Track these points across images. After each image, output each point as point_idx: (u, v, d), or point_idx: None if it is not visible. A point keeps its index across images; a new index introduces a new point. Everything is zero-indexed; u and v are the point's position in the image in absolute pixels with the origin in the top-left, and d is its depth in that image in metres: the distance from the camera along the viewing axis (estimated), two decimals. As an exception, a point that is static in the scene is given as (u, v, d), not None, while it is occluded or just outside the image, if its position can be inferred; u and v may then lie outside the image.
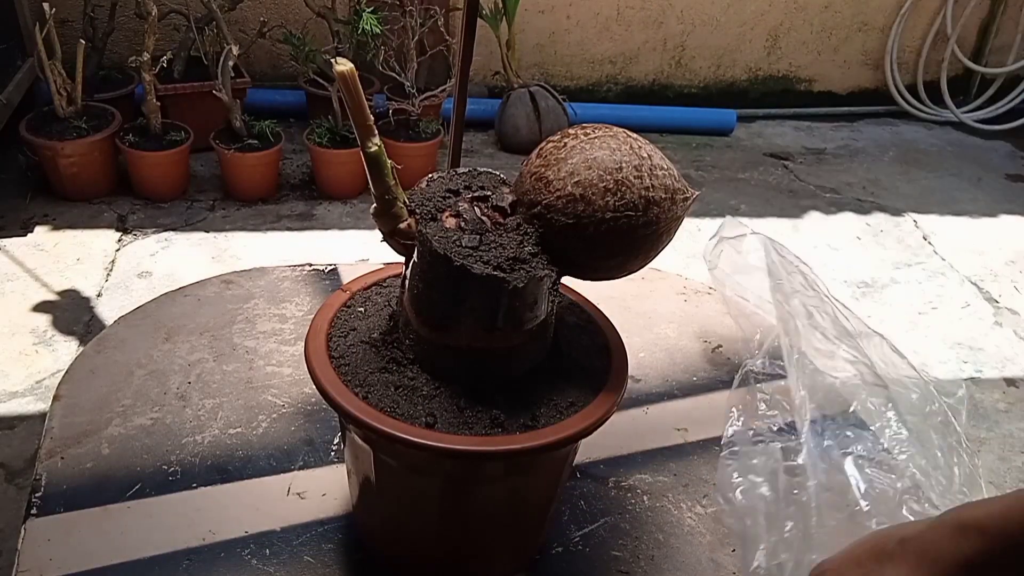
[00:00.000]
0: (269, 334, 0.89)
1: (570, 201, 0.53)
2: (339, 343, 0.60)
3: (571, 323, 0.65)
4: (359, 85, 0.51)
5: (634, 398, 0.87)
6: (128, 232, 2.23)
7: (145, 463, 0.73)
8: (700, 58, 3.20)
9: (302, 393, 0.82)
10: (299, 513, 0.70)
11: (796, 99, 3.36)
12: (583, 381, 0.59)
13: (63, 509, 0.68)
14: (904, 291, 2.32)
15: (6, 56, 2.34)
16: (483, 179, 0.59)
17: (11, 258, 2.08)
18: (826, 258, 2.44)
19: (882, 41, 3.31)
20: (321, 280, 0.98)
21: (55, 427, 0.76)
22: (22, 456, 1.57)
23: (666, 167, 0.56)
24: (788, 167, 2.96)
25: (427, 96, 2.42)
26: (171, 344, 0.86)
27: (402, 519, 0.63)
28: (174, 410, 0.79)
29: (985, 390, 1.97)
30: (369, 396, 0.56)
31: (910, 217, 2.70)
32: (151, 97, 2.27)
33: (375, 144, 0.53)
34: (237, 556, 0.66)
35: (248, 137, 2.34)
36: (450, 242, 0.54)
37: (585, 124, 0.56)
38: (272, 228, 2.31)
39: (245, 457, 0.74)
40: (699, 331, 0.98)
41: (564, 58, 3.07)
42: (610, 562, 0.69)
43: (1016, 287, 2.38)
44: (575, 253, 0.55)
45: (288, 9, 2.78)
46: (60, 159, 2.23)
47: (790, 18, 3.19)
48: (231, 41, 2.28)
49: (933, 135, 3.31)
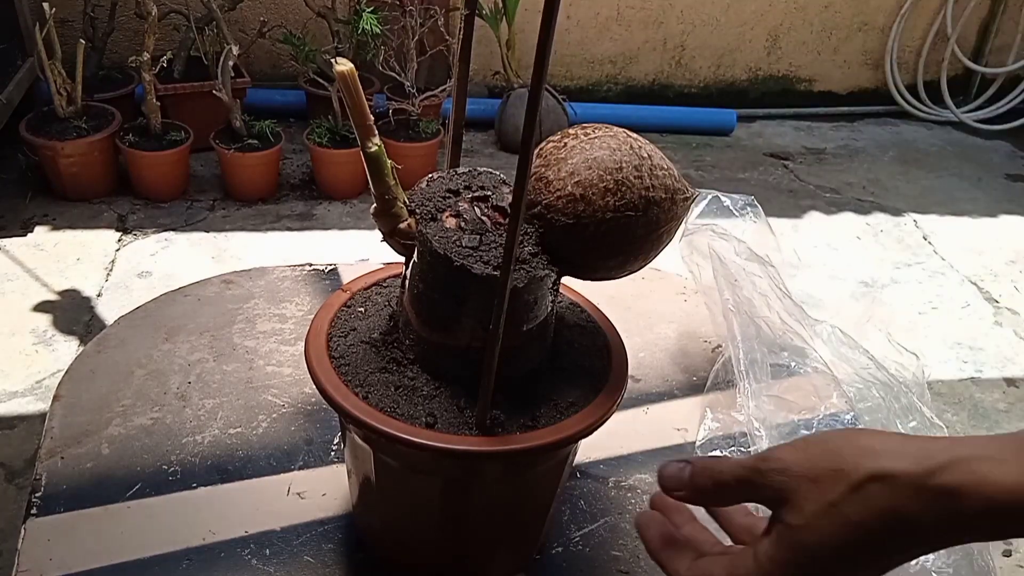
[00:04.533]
0: (269, 334, 0.89)
1: (570, 201, 0.53)
2: (339, 343, 0.60)
3: (571, 323, 0.65)
4: (359, 85, 0.51)
5: (634, 398, 0.87)
6: (128, 232, 2.23)
7: (145, 463, 0.73)
8: (700, 58, 3.20)
9: (302, 393, 0.82)
10: (299, 513, 0.70)
11: (796, 99, 3.36)
12: (583, 381, 0.59)
13: (63, 509, 0.68)
14: (904, 291, 2.32)
15: (6, 56, 2.34)
16: (483, 179, 0.59)
17: (11, 258, 2.08)
18: (826, 258, 2.44)
19: (882, 41, 3.30)
20: (321, 280, 0.98)
21: (55, 427, 0.76)
22: (22, 456, 1.57)
23: (666, 167, 0.56)
24: (788, 167, 2.96)
25: (427, 96, 2.42)
26: (171, 344, 0.86)
27: (402, 519, 0.63)
28: (174, 410, 0.79)
29: (985, 390, 1.97)
30: (369, 396, 0.56)
31: (910, 217, 2.70)
32: (151, 97, 2.27)
33: (375, 144, 0.53)
34: (237, 556, 0.66)
35: (248, 137, 2.34)
36: (450, 242, 0.54)
37: (585, 124, 0.56)
38: (272, 228, 2.31)
39: (245, 457, 0.74)
40: (699, 331, 0.98)
41: (564, 58, 3.07)
42: (610, 562, 0.69)
43: (1016, 287, 2.38)
44: (575, 253, 0.55)
45: (288, 9, 2.78)
46: (60, 159, 2.23)
47: (790, 18, 3.19)
48: (231, 41, 2.28)
49: (933, 135, 3.31)
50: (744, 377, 0.80)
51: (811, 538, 0.41)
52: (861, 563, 0.41)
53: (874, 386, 0.82)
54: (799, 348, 0.85)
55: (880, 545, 0.40)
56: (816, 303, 2.16)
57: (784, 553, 0.42)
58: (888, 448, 0.41)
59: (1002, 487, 0.37)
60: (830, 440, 0.43)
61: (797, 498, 0.42)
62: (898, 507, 0.39)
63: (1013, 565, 1.56)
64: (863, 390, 0.82)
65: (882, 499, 0.39)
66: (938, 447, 0.40)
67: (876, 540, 0.40)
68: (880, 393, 0.82)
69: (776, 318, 0.85)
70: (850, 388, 0.83)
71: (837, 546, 0.40)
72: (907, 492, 0.39)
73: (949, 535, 0.39)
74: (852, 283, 2.33)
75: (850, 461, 0.41)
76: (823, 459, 0.42)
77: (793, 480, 0.42)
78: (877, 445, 0.41)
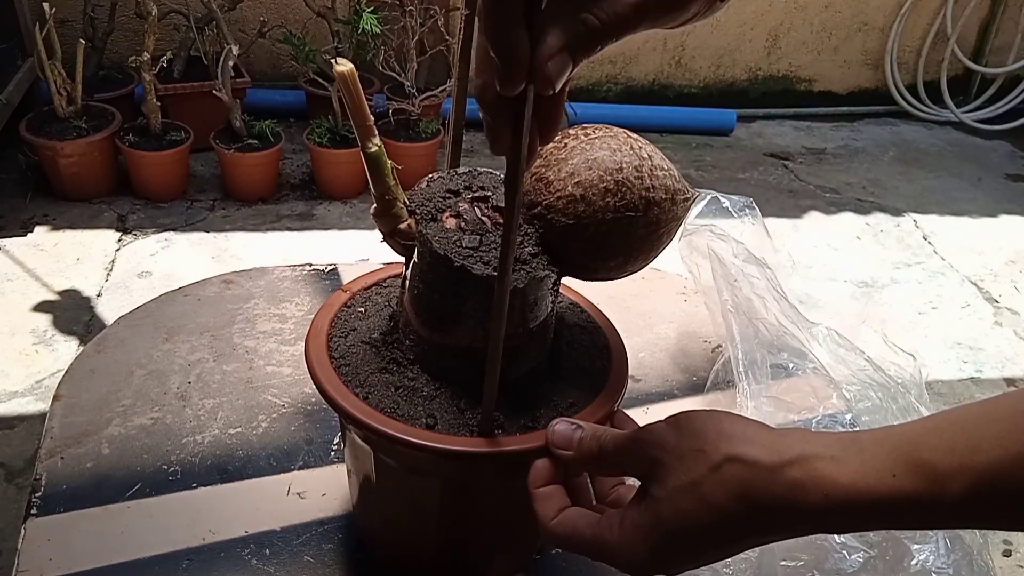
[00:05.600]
0: (269, 334, 0.89)
1: (570, 202, 0.53)
2: (339, 343, 0.60)
3: (571, 323, 0.65)
4: (359, 85, 0.51)
5: (634, 398, 0.87)
6: (128, 232, 2.23)
7: (145, 463, 0.73)
8: (700, 58, 3.20)
9: (302, 393, 0.82)
10: (299, 513, 0.70)
11: (796, 99, 3.36)
12: (583, 382, 0.59)
13: (63, 509, 0.68)
14: (904, 291, 2.32)
15: (6, 56, 2.34)
16: (483, 179, 0.59)
17: (11, 258, 2.08)
18: (826, 258, 2.44)
19: (882, 41, 3.31)
20: (321, 280, 0.98)
21: (55, 427, 0.76)
22: (22, 456, 1.57)
23: (666, 167, 0.56)
24: (788, 167, 2.96)
25: (427, 96, 2.42)
26: (171, 344, 0.86)
27: (402, 519, 0.63)
28: (174, 410, 0.79)
29: (985, 390, 1.97)
30: (369, 397, 0.56)
31: (910, 217, 2.70)
32: (151, 97, 2.27)
33: (375, 144, 0.53)
34: (237, 556, 0.66)
35: (248, 137, 2.34)
36: (450, 243, 0.54)
37: (585, 124, 0.56)
38: (272, 228, 2.31)
39: (245, 457, 0.74)
40: (699, 331, 0.98)
41: (564, 58, 3.07)
42: (610, 562, 0.69)
43: (1016, 287, 2.38)
44: (575, 254, 0.55)
45: (288, 9, 2.78)
46: (60, 159, 2.23)
47: (790, 18, 3.19)
48: (231, 41, 2.28)
49: (933, 135, 3.31)
50: (744, 378, 0.80)
51: (671, 513, 0.43)
52: (714, 543, 0.43)
53: (872, 387, 0.82)
54: (797, 349, 0.85)
55: (733, 528, 0.42)
56: (816, 303, 2.16)
57: (646, 522, 0.44)
58: (747, 435, 0.43)
59: (838, 485, 0.40)
60: (697, 421, 0.45)
61: (664, 472, 0.44)
62: (751, 493, 0.41)
63: (1013, 565, 1.56)
64: (861, 391, 0.82)
65: (737, 484, 0.42)
66: (790, 441, 0.42)
67: (730, 523, 0.42)
68: (878, 394, 0.82)
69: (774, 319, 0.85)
70: (848, 390, 0.83)
71: (694, 524, 0.43)
72: (760, 479, 0.41)
73: (797, 525, 0.41)
74: (852, 283, 2.33)
75: (712, 443, 0.43)
76: (690, 439, 0.44)
77: (663, 455, 0.44)
78: (737, 431, 0.44)
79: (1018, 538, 1.59)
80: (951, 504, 0.38)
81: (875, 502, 0.39)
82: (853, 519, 0.40)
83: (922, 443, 0.39)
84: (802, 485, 0.40)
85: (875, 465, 0.40)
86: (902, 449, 0.40)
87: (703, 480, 0.43)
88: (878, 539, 0.68)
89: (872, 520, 0.40)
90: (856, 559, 0.66)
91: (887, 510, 0.39)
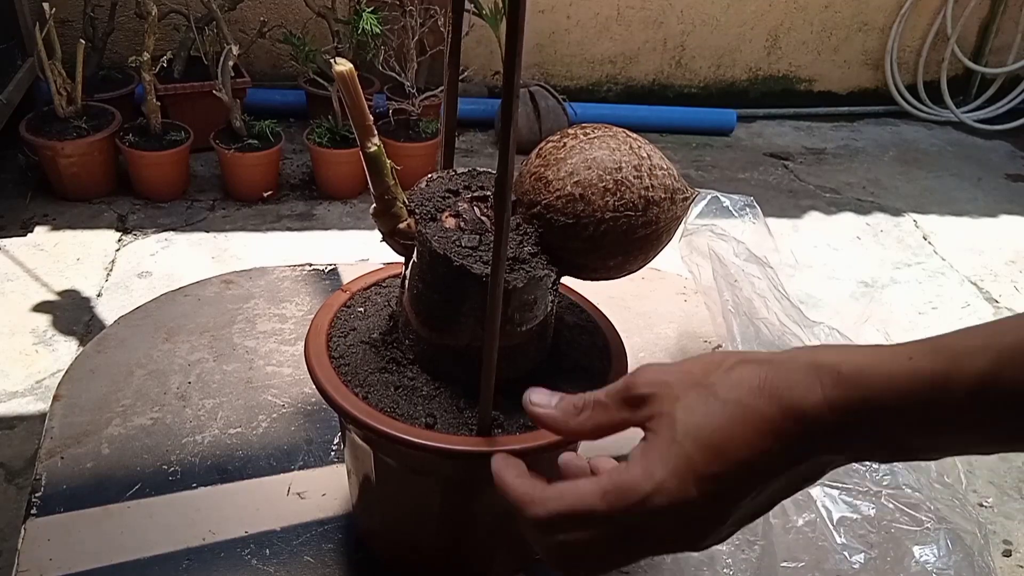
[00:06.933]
0: (269, 334, 0.89)
1: (570, 201, 0.53)
2: (339, 343, 0.60)
3: (571, 323, 0.65)
4: (359, 85, 0.51)
5: (634, 398, 0.87)
6: (128, 232, 2.23)
7: (145, 463, 0.73)
8: (700, 58, 3.20)
9: (302, 393, 0.82)
10: (299, 513, 0.70)
11: (796, 99, 3.36)
12: (583, 381, 0.59)
13: (63, 509, 0.68)
14: (904, 291, 2.32)
15: (6, 56, 2.34)
16: (483, 179, 0.59)
17: (11, 258, 2.08)
18: (826, 258, 2.44)
19: (882, 41, 3.31)
20: (321, 280, 0.98)
21: (55, 427, 0.76)
22: (22, 456, 1.57)
23: (666, 167, 0.56)
24: (788, 167, 2.96)
25: (427, 96, 2.42)
26: (171, 344, 0.86)
27: (402, 519, 0.63)
28: (174, 410, 0.79)
29: (985, 390, 1.97)
30: (369, 396, 0.56)
31: (910, 217, 2.70)
32: (151, 97, 2.27)
33: (375, 144, 0.53)
34: (237, 556, 0.66)
35: (248, 137, 2.34)
36: (450, 242, 0.54)
37: (585, 124, 0.56)
38: (272, 228, 2.31)
39: (245, 457, 0.74)
40: (699, 331, 0.98)
41: (564, 58, 3.07)
42: (610, 562, 0.69)
43: (1016, 287, 2.38)
44: (575, 253, 0.55)
45: (288, 9, 2.78)
46: (60, 159, 2.23)
47: (790, 18, 3.19)
48: (231, 41, 2.28)
49: (933, 135, 3.31)
50: None
51: (689, 419, 0.41)
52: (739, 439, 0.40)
53: None
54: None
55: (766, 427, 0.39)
56: (816, 303, 2.16)
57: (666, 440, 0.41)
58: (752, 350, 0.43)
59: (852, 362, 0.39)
60: (699, 357, 0.44)
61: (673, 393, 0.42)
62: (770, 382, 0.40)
63: (1013, 565, 1.56)
64: None
65: (755, 377, 0.40)
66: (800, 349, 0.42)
67: (758, 420, 0.39)
68: None
69: (775, 319, 0.85)
70: None
71: (722, 428, 0.40)
72: (775, 370, 0.40)
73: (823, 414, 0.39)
74: (852, 283, 2.33)
75: (717, 358, 0.43)
76: (692, 362, 0.44)
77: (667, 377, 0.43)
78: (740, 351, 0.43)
79: (1018, 538, 1.60)
80: (966, 384, 0.36)
81: (890, 380, 0.38)
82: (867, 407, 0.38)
83: (943, 336, 0.39)
84: (817, 366, 0.39)
85: (892, 349, 0.39)
86: (921, 340, 0.39)
87: (718, 383, 0.41)
88: (878, 539, 0.68)
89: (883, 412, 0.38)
90: (856, 559, 0.66)
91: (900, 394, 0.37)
